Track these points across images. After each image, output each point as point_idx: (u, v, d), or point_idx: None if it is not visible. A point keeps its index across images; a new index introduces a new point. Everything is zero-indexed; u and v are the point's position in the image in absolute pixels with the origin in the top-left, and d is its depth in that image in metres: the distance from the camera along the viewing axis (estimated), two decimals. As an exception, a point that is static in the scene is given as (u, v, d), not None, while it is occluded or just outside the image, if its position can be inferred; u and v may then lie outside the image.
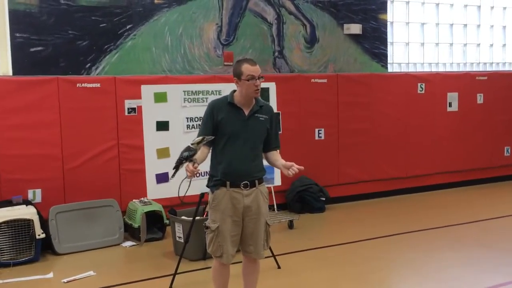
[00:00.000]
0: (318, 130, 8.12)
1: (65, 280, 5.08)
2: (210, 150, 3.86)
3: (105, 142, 6.56)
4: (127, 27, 6.86)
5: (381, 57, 8.91)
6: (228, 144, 3.75)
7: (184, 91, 4.76)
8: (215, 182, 3.80)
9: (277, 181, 5.34)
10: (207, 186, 3.88)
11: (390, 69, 9.17)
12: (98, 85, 6.50)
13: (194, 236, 5.40)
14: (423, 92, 8.95)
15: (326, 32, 8.33)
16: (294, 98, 7.88)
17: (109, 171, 6.60)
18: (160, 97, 4.76)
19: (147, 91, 4.86)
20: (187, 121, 4.99)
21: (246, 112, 3.79)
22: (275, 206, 7.55)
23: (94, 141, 6.52)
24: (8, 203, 5.90)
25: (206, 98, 4.92)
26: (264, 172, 3.92)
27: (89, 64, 6.68)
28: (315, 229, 6.93)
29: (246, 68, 3.72)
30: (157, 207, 6.32)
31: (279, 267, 5.27)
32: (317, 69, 8.31)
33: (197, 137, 3.72)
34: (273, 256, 5.30)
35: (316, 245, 6.11)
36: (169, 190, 3.92)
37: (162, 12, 7.08)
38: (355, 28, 8.48)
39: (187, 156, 3.55)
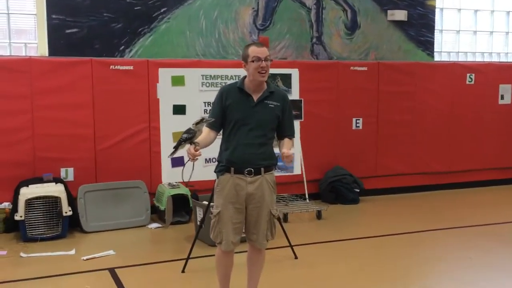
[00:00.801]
0: (356, 120, 7.88)
1: (84, 258, 5.16)
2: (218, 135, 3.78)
3: (136, 124, 6.61)
4: (162, 10, 6.88)
5: (428, 45, 8.53)
6: (234, 130, 3.66)
7: (202, 75, 4.70)
8: (220, 167, 3.73)
9: (297, 170, 5.19)
10: (214, 171, 3.81)
11: (437, 58, 8.78)
12: (131, 67, 6.54)
13: (214, 221, 5.38)
14: (472, 83, 8.50)
15: (368, 18, 8.05)
16: (332, 86, 7.68)
17: (139, 153, 6.66)
18: (178, 81, 4.71)
19: (165, 74, 4.82)
20: (205, 106, 4.92)
21: (255, 98, 3.67)
22: (307, 196, 7.43)
23: (126, 123, 6.59)
24: (39, 180, 6.08)
25: (225, 83, 4.82)
26: (273, 160, 3.78)
27: (123, 47, 6.76)
28: (344, 221, 6.73)
29: (252, 50, 3.61)
30: (185, 190, 6.32)
31: (296, 258, 5.15)
32: (357, 56, 8.06)
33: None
34: (290, 246, 5.19)
35: (340, 237, 5.93)
36: (184, 174, 3.86)
37: (197, -5, 7.05)
38: (400, 15, 8.15)
39: (186, 138, 3.49)
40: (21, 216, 5.68)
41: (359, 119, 7.89)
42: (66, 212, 5.82)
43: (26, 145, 6.24)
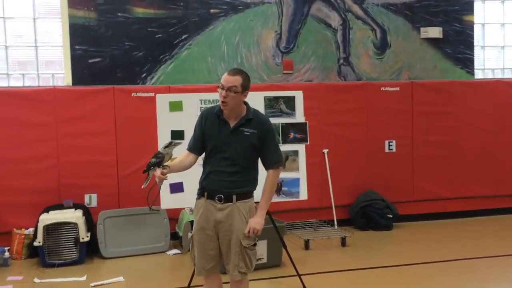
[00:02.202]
0: (389, 142, 7.56)
1: (92, 284, 5.16)
2: (197, 159, 3.69)
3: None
4: (183, 37, 6.94)
5: (467, 62, 8.10)
6: (210, 156, 3.56)
7: (201, 100, 4.64)
8: (198, 191, 3.64)
9: (303, 195, 4.96)
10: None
11: (480, 76, 8.32)
12: (152, 94, 6.58)
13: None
14: (518, 101, 7.98)
15: (399, 37, 7.76)
16: (362, 108, 7.44)
17: (161, 179, 6.65)
18: (176, 106, 4.68)
19: (162, 100, 4.80)
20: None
21: (232, 125, 3.55)
22: (335, 222, 7.17)
23: (148, 149, 6.54)
24: (60, 206, 6.20)
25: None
26: (249, 188, 3.58)
27: (144, 74, 6.85)
28: (371, 248, 6.39)
29: (223, 76, 3.52)
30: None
31: (304, 287, 4.91)
32: (389, 76, 7.76)
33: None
34: (298, 275, 4.96)
35: (362, 265, 5.61)
36: (184, 200, 3.80)
37: (218, 21, 7.06)
38: (434, 32, 7.81)
39: (154, 162, 3.43)
40: (39, 242, 5.80)
41: (392, 141, 7.57)
42: (83, 238, 5.89)
43: (51, 172, 6.41)
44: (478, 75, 8.31)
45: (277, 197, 4.86)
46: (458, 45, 8.02)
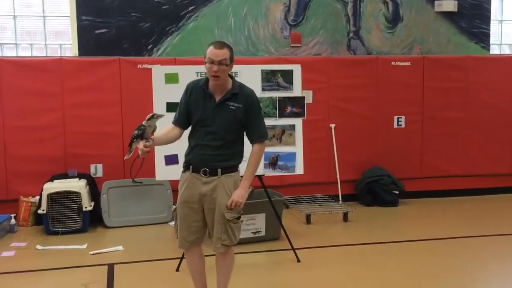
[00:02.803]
0: (398, 118, 7.45)
1: (91, 253, 5.26)
2: (182, 132, 3.68)
3: (163, 122, 6.66)
4: (190, 8, 6.88)
5: (482, 37, 7.88)
6: (195, 130, 3.54)
7: (197, 72, 4.60)
8: (183, 164, 3.64)
9: (299, 170, 4.92)
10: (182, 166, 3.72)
11: (496, 51, 8.10)
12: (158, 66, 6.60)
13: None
14: (537, 77, 7.75)
15: (412, 10, 7.57)
16: (371, 82, 7.32)
17: (166, 151, 6.70)
18: (171, 78, 4.65)
19: (158, 71, 4.79)
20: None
21: (217, 99, 3.51)
22: (340, 197, 7.14)
23: (153, 121, 6.66)
24: (65, 175, 6.30)
25: (220, 78, 4.72)
26: (234, 162, 3.57)
27: (150, 46, 6.84)
28: (373, 224, 6.35)
29: (209, 50, 3.41)
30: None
31: (298, 261, 4.91)
32: (400, 51, 7.60)
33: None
34: (292, 248, 4.96)
35: (359, 241, 5.60)
36: (178, 172, 3.80)
37: (226, -8, 6.99)
38: (449, 5, 7.59)
39: (136, 134, 3.43)
40: (43, 210, 5.92)
41: (401, 117, 7.45)
42: (86, 207, 5.99)
43: (57, 142, 6.49)
44: (494, 50, 8.10)
45: (273, 171, 4.85)
46: (474, 19, 7.79)
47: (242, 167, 3.63)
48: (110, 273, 4.69)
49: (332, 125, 7.22)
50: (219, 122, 3.48)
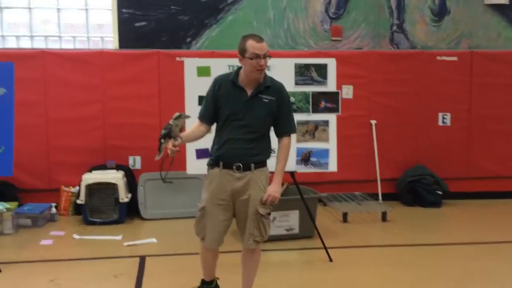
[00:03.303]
0: (443, 115, 7.18)
1: (125, 244, 5.31)
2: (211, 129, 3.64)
3: (201, 115, 6.66)
4: (229, 1, 6.84)
5: (535, 31, 7.49)
6: (225, 125, 3.47)
7: (229, 65, 4.53)
8: (210, 161, 3.58)
9: (333, 167, 4.78)
10: (207, 164, 3.67)
11: (551, 46, 7.68)
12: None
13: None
14: None
15: (460, 3, 7.26)
16: (415, 78, 7.08)
17: (204, 144, 6.70)
18: (203, 71, 4.60)
19: (190, 64, 4.75)
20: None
21: (249, 92, 3.45)
22: (380, 196, 6.96)
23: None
24: (103, 167, 6.39)
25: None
26: (265, 156, 3.53)
27: (189, 39, 6.84)
28: (413, 225, 6.13)
29: (251, 45, 3.34)
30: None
31: (330, 260, 4.79)
32: (446, 45, 7.31)
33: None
34: (324, 248, 4.84)
35: (398, 242, 5.43)
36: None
37: (266, -15, 6.90)
38: (500, -3, 7.25)
39: (164, 134, 3.43)
40: (81, 200, 6.02)
41: (446, 114, 7.18)
42: (122, 199, 6.06)
43: (97, 133, 6.60)
44: (550, 45, 7.67)
45: (305, 167, 4.74)
46: (527, 12, 7.41)
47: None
48: (141, 265, 4.71)
49: (373, 121, 7.03)
50: (253, 115, 3.43)
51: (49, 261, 4.83)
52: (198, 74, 4.65)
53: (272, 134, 3.58)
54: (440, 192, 6.91)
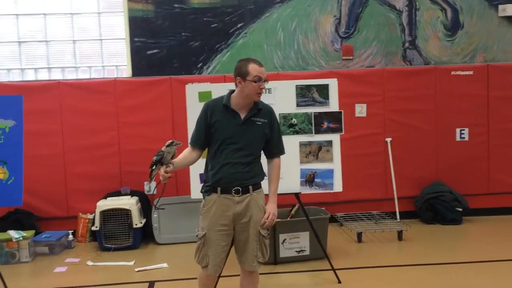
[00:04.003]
0: (461, 130, 7.04)
1: (136, 269, 5.35)
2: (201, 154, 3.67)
3: (213, 139, 6.70)
4: (238, 25, 6.90)
5: (555, 42, 7.30)
6: (220, 149, 3.48)
7: (230, 90, 4.57)
8: (206, 188, 3.58)
9: (338, 187, 4.73)
10: (200, 191, 3.68)
11: None
12: (208, 83, 6.64)
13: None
14: None
15: (473, 16, 7.16)
16: (429, 94, 6.99)
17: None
18: (205, 96, 4.64)
19: (192, 90, 4.81)
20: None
21: (242, 116, 3.49)
22: (397, 214, 6.83)
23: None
24: (118, 193, 6.48)
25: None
26: (261, 177, 3.57)
27: (200, 64, 6.92)
28: (430, 243, 5.98)
29: (253, 68, 3.42)
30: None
31: (339, 282, 4.71)
32: (461, 59, 7.19)
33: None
34: (333, 269, 4.77)
35: (413, 261, 5.29)
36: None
37: (274, 8, 6.94)
38: (514, 9, 7.12)
39: (155, 160, 3.46)
40: (96, 227, 6.11)
41: (464, 129, 7.04)
42: (136, 224, 6.12)
43: (113, 160, 6.71)
44: None
45: (310, 188, 4.70)
46: (544, 23, 7.25)
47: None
48: (149, 291, 4.74)
49: (388, 139, 6.94)
50: (248, 138, 3.47)
51: (58, 288, 4.91)
52: (200, 99, 4.70)
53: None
54: (459, 209, 6.74)
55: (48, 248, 6.04)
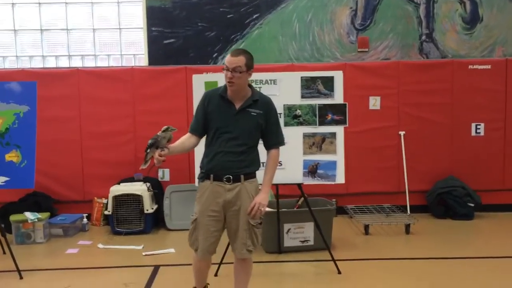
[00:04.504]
0: (476, 125, 6.96)
1: (144, 253, 5.49)
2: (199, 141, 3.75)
3: (227, 128, 6.79)
4: (254, 16, 6.95)
5: None
6: (215, 138, 3.57)
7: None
8: (200, 174, 3.68)
9: (340, 179, 4.74)
10: (197, 177, 3.78)
11: None
12: (212, 73, 6.73)
13: (270, 228, 5.29)
14: None
15: (493, 9, 7.04)
16: (445, 87, 6.93)
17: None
18: (211, 86, 4.70)
19: (198, 80, 4.89)
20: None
21: (237, 106, 3.56)
22: (408, 208, 6.81)
23: (217, 127, 6.81)
24: (132, 179, 6.64)
25: (259, 88, 4.70)
26: (255, 167, 3.62)
27: (216, 54, 7.00)
28: (438, 238, 5.96)
29: (226, 58, 3.55)
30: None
31: (339, 272, 4.75)
32: (479, 53, 7.09)
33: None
34: (333, 260, 4.82)
35: (417, 255, 5.29)
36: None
37: (291, -1, 6.97)
38: (537, 2, 6.97)
39: (150, 144, 3.54)
40: (109, 211, 6.28)
41: (480, 124, 6.95)
42: (147, 210, 6.27)
43: (128, 147, 6.86)
44: None
45: (312, 179, 4.74)
46: None
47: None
48: (153, 274, 4.86)
49: (402, 133, 6.92)
50: (241, 128, 3.53)
51: (71, 269, 5.08)
52: (206, 89, 4.76)
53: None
54: (471, 204, 6.68)
55: (62, 230, 6.24)
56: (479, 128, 6.95)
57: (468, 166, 6.95)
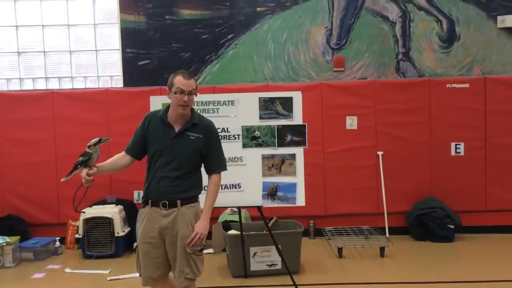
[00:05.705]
0: (456, 144, 6.84)
1: (108, 278, 5.40)
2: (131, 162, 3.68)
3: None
4: (229, 37, 6.94)
5: (555, 55, 7.03)
6: (153, 162, 3.51)
7: (195, 102, 4.59)
8: (142, 199, 3.61)
9: (300, 201, 4.65)
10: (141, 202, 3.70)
11: None
12: (198, 94, 6.69)
13: (236, 251, 5.19)
14: None
15: (470, 28, 6.97)
16: (423, 106, 6.83)
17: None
18: (168, 108, 4.69)
19: (155, 101, 4.85)
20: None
21: (177, 129, 3.48)
22: (387, 230, 6.68)
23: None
24: (103, 201, 6.57)
25: (217, 109, 4.65)
26: (193, 192, 3.51)
27: (190, 75, 6.96)
28: (413, 261, 5.81)
29: (178, 80, 3.41)
30: (234, 218, 6.19)
31: (300, 297, 4.65)
32: (457, 72, 7.01)
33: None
34: (294, 285, 4.71)
35: (387, 279, 5.15)
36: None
37: (265, 19, 6.95)
38: (514, 20, 6.90)
39: (82, 161, 3.45)
40: (79, 234, 6.21)
41: (459, 144, 6.83)
42: (118, 233, 6.18)
43: (103, 169, 6.79)
44: None
45: (272, 202, 4.65)
46: (546, 34, 6.99)
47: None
48: (113, 300, 4.77)
49: (380, 153, 6.81)
50: (178, 152, 3.45)
51: (31, 294, 5.00)
52: (164, 111, 4.71)
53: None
54: (451, 226, 6.53)
55: (33, 254, 6.16)
56: (459, 148, 6.84)
57: (448, 186, 6.82)
